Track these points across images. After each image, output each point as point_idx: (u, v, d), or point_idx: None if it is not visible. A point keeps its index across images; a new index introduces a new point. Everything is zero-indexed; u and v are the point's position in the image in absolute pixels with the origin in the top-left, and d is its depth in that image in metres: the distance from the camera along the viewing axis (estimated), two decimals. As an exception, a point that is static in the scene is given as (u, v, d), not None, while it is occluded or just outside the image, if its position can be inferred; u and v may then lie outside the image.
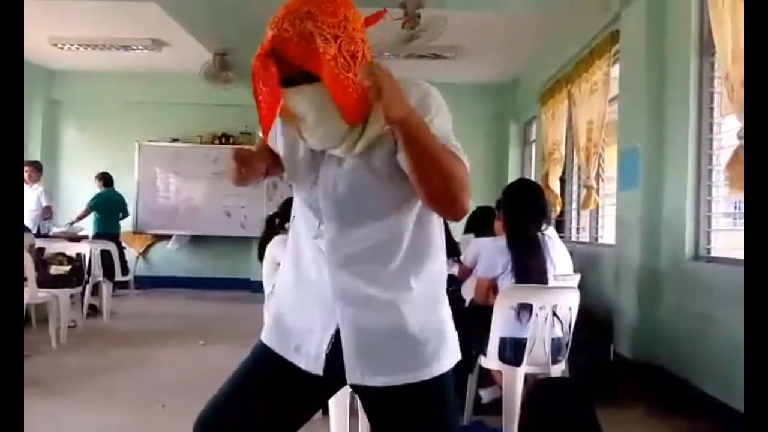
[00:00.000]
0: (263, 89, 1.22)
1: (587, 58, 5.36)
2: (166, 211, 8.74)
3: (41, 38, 7.00)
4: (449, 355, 1.37)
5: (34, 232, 6.58)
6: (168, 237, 8.90)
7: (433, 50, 6.84)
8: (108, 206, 7.78)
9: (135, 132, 8.75)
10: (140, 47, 7.18)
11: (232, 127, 8.85)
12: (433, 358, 1.34)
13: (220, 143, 8.85)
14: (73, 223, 7.68)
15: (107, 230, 7.66)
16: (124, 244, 7.58)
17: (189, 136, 8.85)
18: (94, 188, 8.74)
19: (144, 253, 8.93)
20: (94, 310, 6.25)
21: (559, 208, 6.24)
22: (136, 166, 8.79)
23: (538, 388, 2.82)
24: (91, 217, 7.70)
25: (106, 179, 7.91)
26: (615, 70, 4.83)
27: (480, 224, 4.07)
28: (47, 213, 7.14)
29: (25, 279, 4.57)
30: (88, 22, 6.53)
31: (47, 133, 8.86)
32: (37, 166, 7.27)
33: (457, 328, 1.44)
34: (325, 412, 2.53)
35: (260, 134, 1.36)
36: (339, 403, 2.37)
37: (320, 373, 1.35)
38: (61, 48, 7.33)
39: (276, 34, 1.17)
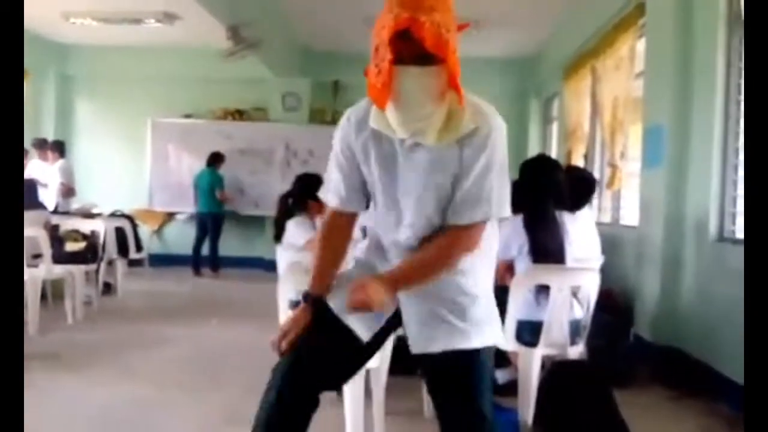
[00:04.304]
0: (382, 63, 1.32)
1: (612, 31, 5.20)
2: (179, 188, 8.58)
3: (54, 12, 6.95)
4: None
5: (52, 209, 6.58)
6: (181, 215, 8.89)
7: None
8: (202, 185, 7.97)
9: (147, 107, 8.69)
10: (152, 21, 7.10)
11: (245, 103, 8.78)
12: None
13: (233, 119, 8.78)
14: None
15: (200, 209, 8.01)
16: (137, 222, 7.57)
17: (202, 111, 8.79)
18: (109, 164, 8.77)
19: (158, 231, 8.94)
20: (108, 288, 6.27)
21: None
22: (148, 142, 8.73)
23: (555, 370, 2.78)
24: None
25: (208, 158, 8.07)
26: (641, 45, 4.68)
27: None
28: (65, 191, 7.13)
29: (41, 255, 4.58)
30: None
31: (60, 108, 8.84)
32: (57, 145, 7.36)
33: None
34: (340, 393, 2.49)
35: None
36: (354, 384, 2.33)
37: (366, 339, 1.58)
38: (74, 22, 7.27)
39: (411, 17, 1.26)
